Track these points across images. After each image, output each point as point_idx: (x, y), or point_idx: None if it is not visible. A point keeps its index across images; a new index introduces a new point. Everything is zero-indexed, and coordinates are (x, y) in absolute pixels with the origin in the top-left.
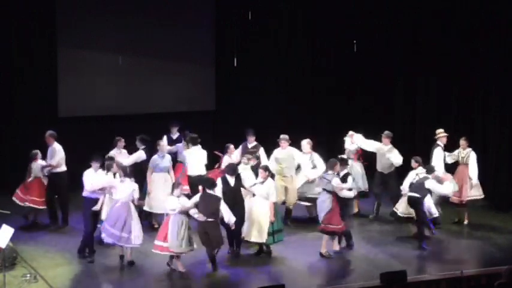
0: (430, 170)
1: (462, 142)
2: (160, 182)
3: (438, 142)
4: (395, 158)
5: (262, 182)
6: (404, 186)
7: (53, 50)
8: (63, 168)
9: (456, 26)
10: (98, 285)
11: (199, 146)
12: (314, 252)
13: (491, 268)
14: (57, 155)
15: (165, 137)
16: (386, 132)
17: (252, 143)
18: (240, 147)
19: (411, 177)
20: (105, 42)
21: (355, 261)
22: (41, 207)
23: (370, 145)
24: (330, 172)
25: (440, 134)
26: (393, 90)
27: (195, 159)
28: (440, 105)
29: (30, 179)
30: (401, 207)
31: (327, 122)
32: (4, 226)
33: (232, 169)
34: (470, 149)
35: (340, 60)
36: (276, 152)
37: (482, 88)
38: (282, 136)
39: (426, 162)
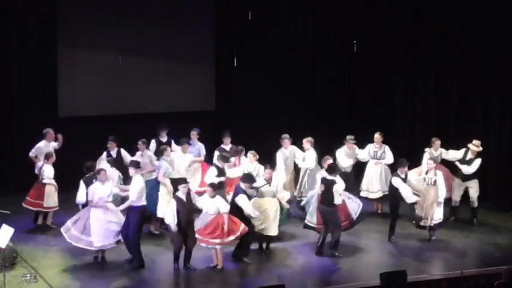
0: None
1: (436, 142)
2: None
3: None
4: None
5: (270, 183)
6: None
7: (53, 50)
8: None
9: (456, 26)
10: (98, 285)
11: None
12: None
13: (491, 268)
14: None
15: (153, 141)
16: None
17: (227, 145)
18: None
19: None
20: (105, 42)
21: (355, 261)
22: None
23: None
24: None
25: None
26: (393, 90)
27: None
28: (440, 105)
29: None
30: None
31: (327, 122)
32: (4, 226)
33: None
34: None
35: (340, 60)
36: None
37: (482, 88)
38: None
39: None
